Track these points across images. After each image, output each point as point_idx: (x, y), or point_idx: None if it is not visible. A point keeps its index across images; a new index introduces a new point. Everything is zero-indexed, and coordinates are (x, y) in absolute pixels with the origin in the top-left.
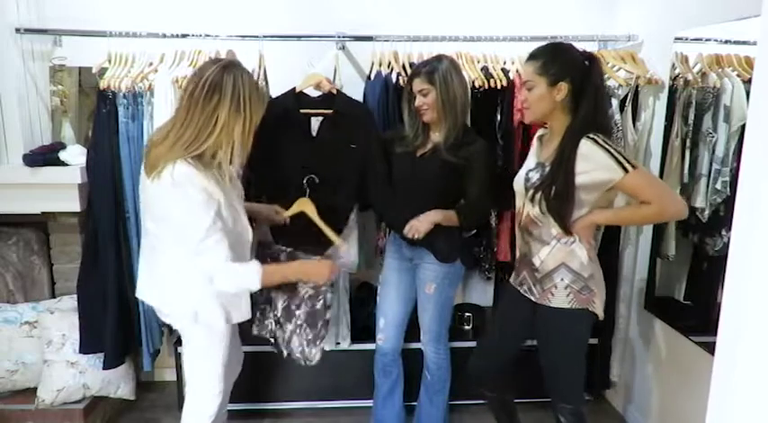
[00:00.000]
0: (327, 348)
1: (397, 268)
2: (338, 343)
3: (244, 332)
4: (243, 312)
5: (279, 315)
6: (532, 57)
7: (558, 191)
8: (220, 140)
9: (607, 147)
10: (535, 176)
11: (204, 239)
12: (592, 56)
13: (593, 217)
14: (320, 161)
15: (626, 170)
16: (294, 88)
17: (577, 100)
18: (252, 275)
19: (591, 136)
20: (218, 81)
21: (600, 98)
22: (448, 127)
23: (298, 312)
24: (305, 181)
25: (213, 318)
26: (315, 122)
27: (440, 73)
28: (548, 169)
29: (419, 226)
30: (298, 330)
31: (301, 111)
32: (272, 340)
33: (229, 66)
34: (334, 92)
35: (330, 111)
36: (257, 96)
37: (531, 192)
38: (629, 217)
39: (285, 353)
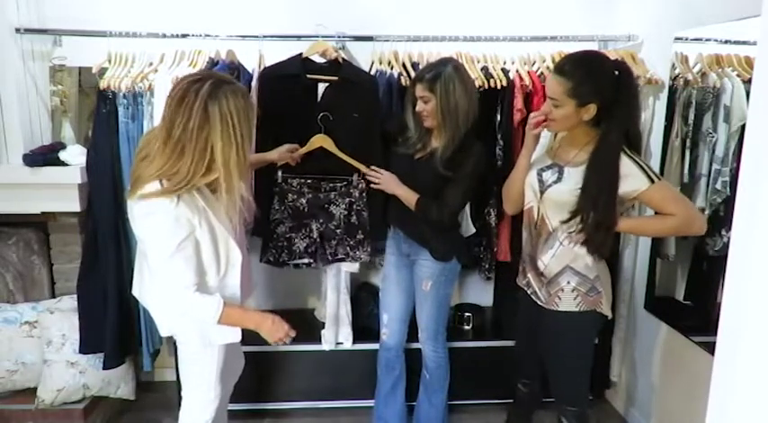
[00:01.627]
0: (327, 348)
1: (396, 264)
2: (339, 343)
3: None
4: (227, 334)
5: (316, 237)
6: (561, 73)
7: (599, 220)
8: (225, 173)
9: (634, 158)
10: (551, 179)
11: (166, 264)
12: (622, 68)
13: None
14: (326, 124)
15: (652, 181)
16: (300, 54)
17: (608, 112)
18: (209, 310)
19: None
20: (205, 110)
21: (630, 114)
22: (447, 138)
23: (338, 231)
24: (319, 119)
25: (186, 338)
26: (320, 88)
27: (442, 81)
28: (579, 192)
29: (379, 182)
30: (341, 241)
31: (308, 76)
32: (309, 261)
33: (213, 92)
34: (340, 60)
35: (336, 77)
36: (246, 117)
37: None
38: (654, 228)
39: (330, 263)
